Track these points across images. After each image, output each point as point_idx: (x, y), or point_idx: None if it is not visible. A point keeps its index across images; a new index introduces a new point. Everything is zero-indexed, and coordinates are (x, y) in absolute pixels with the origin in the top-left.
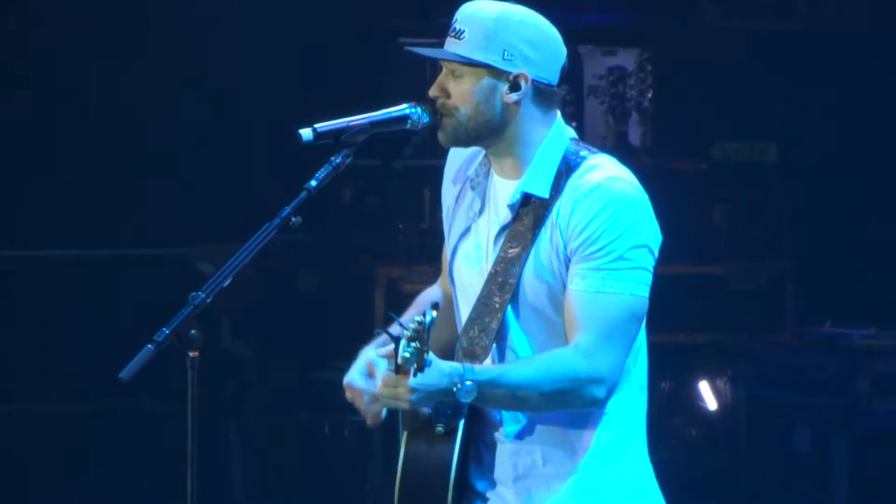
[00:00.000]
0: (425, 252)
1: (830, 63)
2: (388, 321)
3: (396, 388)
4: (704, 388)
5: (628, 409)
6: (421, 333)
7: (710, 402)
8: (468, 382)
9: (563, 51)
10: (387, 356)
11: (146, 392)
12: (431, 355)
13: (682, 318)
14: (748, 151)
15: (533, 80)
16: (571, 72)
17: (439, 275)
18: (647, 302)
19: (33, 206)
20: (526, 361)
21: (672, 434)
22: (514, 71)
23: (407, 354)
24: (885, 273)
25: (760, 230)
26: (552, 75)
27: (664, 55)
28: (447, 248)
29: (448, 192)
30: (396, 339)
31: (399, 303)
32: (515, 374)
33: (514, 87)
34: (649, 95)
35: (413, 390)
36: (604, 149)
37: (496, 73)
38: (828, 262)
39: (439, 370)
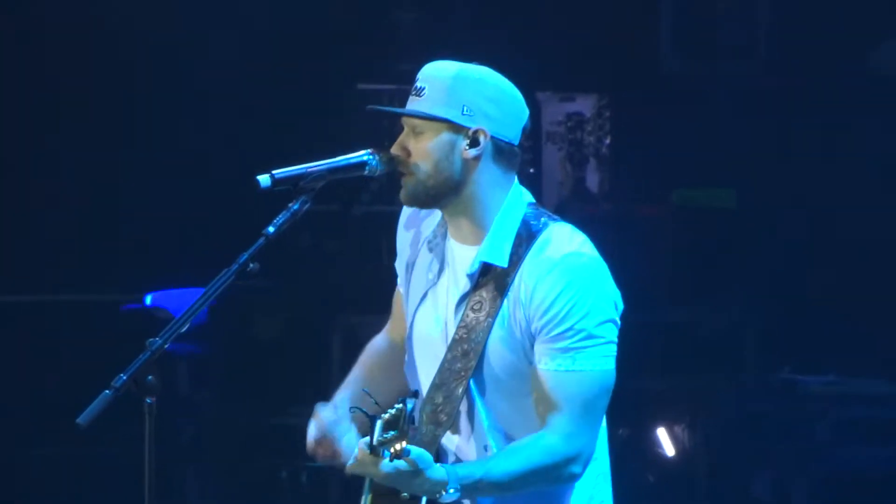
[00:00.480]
0: (383, 298)
1: (790, 108)
2: (364, 397)
3: (368, 466)
4: (662, 434)
5: (591, 475)
6: (400, 422)
7: (668, 449)
8: (452, 490)
9: (525, 111)
10: (359, 429)
11: (103, 438)
12: (414, 448)
13: (640, 363)
14: (707, 198)
15: (492, 137)
16: (529, 118)
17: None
18: (614, 374)
19: None
20: (507, 455)
21: (630, 480)
22: (474, 126)
23: (383, 438)
24: (843, 320)
25: (719, 276)
26: (513, 134)
27: (622, 101)
28: (404, 306)
29: (403, 245)
30: (372, 419)
31: (356, 349)
32: (498, 470)
33: (474, 142)
34: (607, 141)
35: (386, 476)
36: (561, 195)
37: (456, 128)
38: (787, 308)
39: (423, 478)
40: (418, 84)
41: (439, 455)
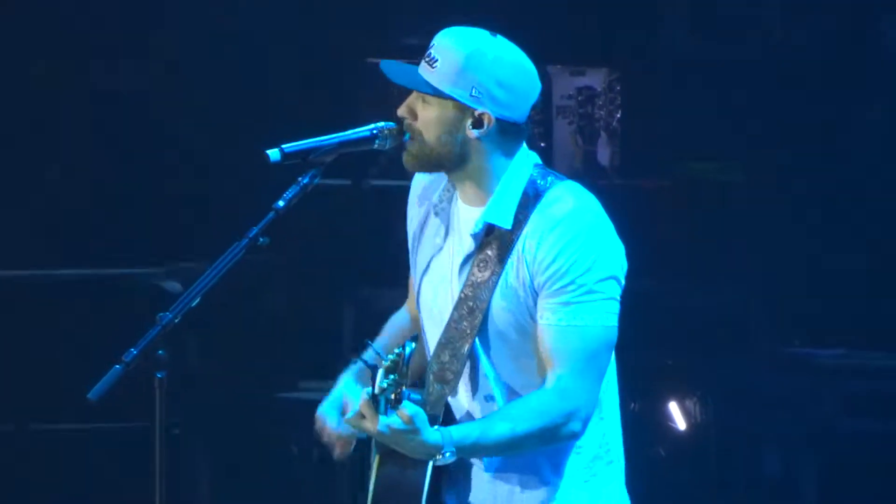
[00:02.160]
0: (394, 272)
1: (801, 84)
2: (364, 348)
3: (366, 421)
4: (674, 408)
5: (598, 437)
6: (399, 365)
7: (680, 423)
8: (448, 453)
9: (536, 88)
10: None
11: (114, 412)
12: (411, 404)
13: (650, 337)
14: (716, 171)
15: (497, 119)
16: (541, 92)
17: (407, 296)
18: (616, 331)
19: (2, 228)
20: (504, 414)
21: (641, 454)
22: (479, 109)
23: (384, 385)
24: (852, 292)
25: (729, 250)
26: (520, 114)
27: (633, 75)
28: (414, 273)
29: (413, 216)
30: (374, 368)
31: (368, 322)
32: (495, 431)
33: (477, 123)
34: (618, 115)
35: (381, 434)
36: (572, 168)
37: (462, 107)
38: (795, 281)
39: (418, 440)
40: (433, 53)
41: (447, 413)
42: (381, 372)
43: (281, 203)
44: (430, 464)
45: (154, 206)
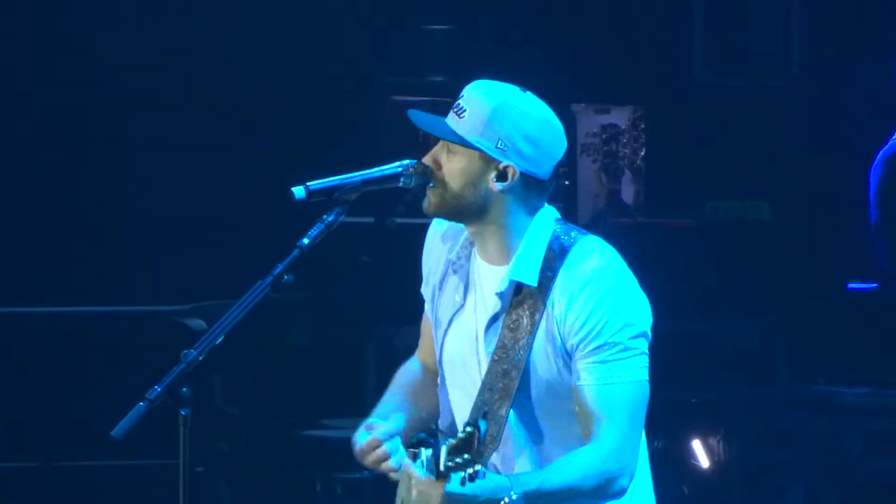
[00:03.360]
0: (417, 309)
1: (823, 121)
2: (432, 434)
3: (428, 492)
4: (697, 446)
5: (638, 483)
6: (473, 444)
7: (703, 461)
8: (514, 496)
9: (562, 147)
10: (414, 456)
11: (138, 449)
12: (484, 469)
13: (674, 376)
14: (741, 210)
15: (521, 174)
16: (565, 130)
17: (417, 346)
18: (648, 385)
19: (28, 263)
20: (562, 466)
21: (665, 492)
22: (504, 161)
23: (452, 464)
24: (876, 331)
25: (752, 288)
26: (544, 171)
27: (657, 113)
28: (435, 330)
29: (431, 269)
30: (437, 442)
31: (391, 360)
32: (555, 480)
33: (502, 176)
34: (642, 153)
35: (448, 497)
36: (596, 207)
37: (487, 159)
38: (820, 319)
39: (488, 482)
40: (462, 104)
41: None
42: (444, 449)
43: (305, 241)
44: None
45: (180, 244)
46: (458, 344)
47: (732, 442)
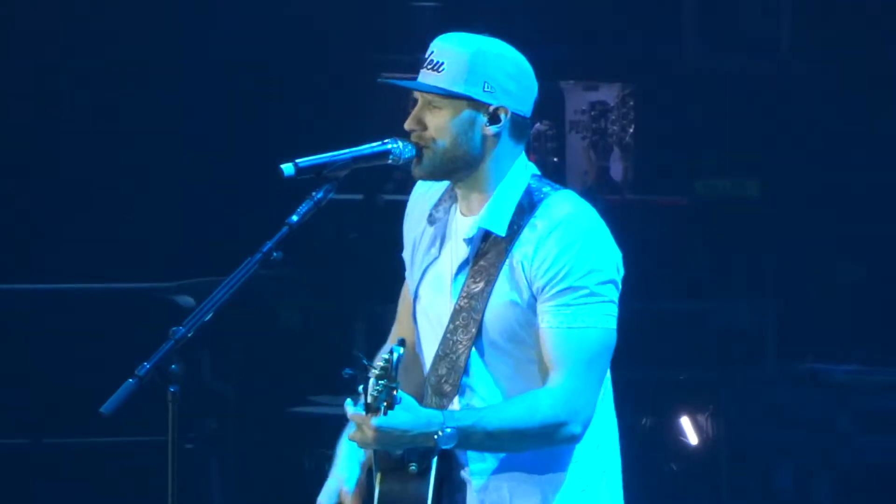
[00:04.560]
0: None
1: (813, 100)
2: (356, 362)
3: (364, 426)
4: (686, 423)
5: (594, 442)
6: (389, 371)
7: (692, 438)
8: (448, 429)
9: (536, 83)
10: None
11: (127, 426)
12: (404, 394)
13: (663, 353)
14: (730, 188)
15: (512, 113)
16: (553, 107)
17: (394, 321)
18: (615, 334)
19: (15, 240)
20: (505, 404)
21: (653, 469)
22: (495, 104)
23: (375, 392)
24: (866, 308)
25: (742, 265)
26: (528, 108)
27: (646, 90)
28: (409, 286)
29: (410, 229)
30: (365, 379)
31: (379, 338)
32: (495, 417)
33: (494, 119)
34: (631, 131)
35: (378, 431)
36: (585, 183)
37: (476, 105)
38: (809, 297)
39: (416, 414)
40: (434, 58)
41: None
42: (371, 381)
43: (294, 218)
44: (433, 477)
45: (167, 221)
46: (431, 296)
47: (721, 419)
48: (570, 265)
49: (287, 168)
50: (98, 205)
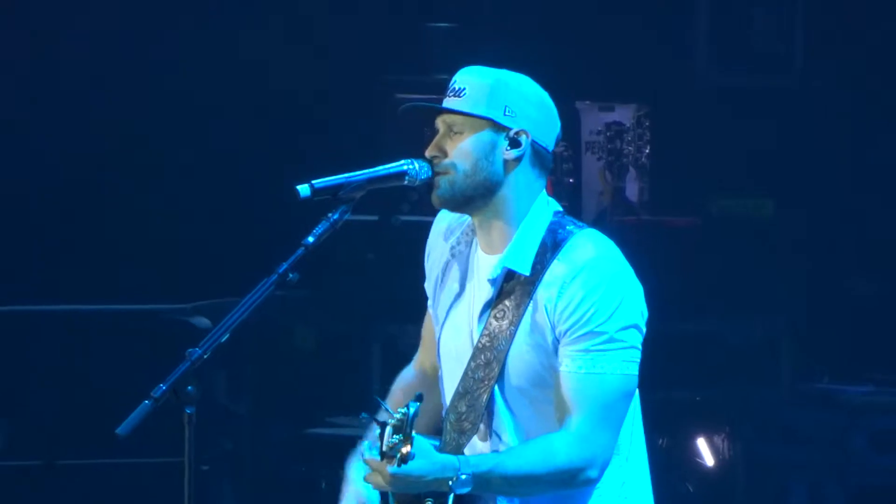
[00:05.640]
0: (422, 309)
1: (828, 119)
2: (375, 407)
3: (379, 472)
4: (702, 444)
5: (619, 480)
6: (404, 426)
7: (708, 459)
8: (464, 476)
9: (559, 122)
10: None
11: (143, 448)
12: (419, 438)
13: (678, 374)
14: (745, 207)
15: (533, 140)
16: (569, 127)
17: (417, 348)
18: (636, 380)
19: (33, 262)
20: (521, 449)
21: (669, 490)
22: (515, 127)
23: (392, 442)
24: (881, 329)
25: (757, 286)
26: (549, 140)
27: (661, 111)
28: (434, 321)
29: (433, 265)
30: (382, 425)
31: (395, 359)
32: (511, 463)
33: (514, 143)
34: (647, 151)
35: (393, 478)
36: (601, 204)
37: (497, 128)
38: (824, 318)
39: (432, 461)
40: (457, 85)
41: None
42: (388, 430)
43: (310, 239)
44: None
45: (183, 242)
46: (455, 334)
47: (737, 440)
48: (593, 310)
49: (303, 189)
50: (113, 226)
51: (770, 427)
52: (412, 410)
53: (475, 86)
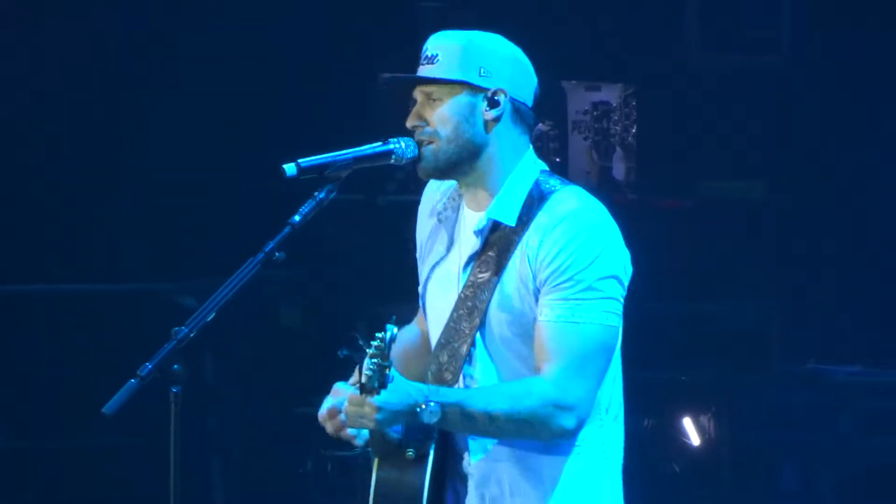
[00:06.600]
0: (410, 287)
1: (816, 99)
2: (352, 342)
3: (362, 406)
4: (688, 424)
5: (599, 441)
6: (382, 350)
7: (694, 439)
8: (432, 403)
9: (535, 76)
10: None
11: (129, 426)
12: (395, 371)
13: (666, 354)
14: (734, 189)
15: (511, 97)
16: (555, 107)
17: (417, 311)
18: (618, 332)
19: (18, 242)
20: (494, 386)
21: (655, 470)
22: (492, 87)
23: (370, 372)
24: (869, 310)
25: (745, 268)
26: (527, 96)
27: (649, 90)
28: (420, 281)
29: (422, 229)
30: (361, 359)
31: None
32: (482, 398)
33: (493, 103)
34: (633, 131)
35: (378, 409)
36: (588, 184)
37: (474, 90)
38: (812, 299)
39: (403, 389)
40: (429, 52)
41: None
42: (366, 360)
43: (297, 218)
44: (430, 464)
45: (170, 221)
46: (438, 289)
47: (723, 420)
48: (571, 258)
49: (289, 168)
50: (100, 205)
51: (757, 407)
52: (389, 334)
53: (447, 50)
